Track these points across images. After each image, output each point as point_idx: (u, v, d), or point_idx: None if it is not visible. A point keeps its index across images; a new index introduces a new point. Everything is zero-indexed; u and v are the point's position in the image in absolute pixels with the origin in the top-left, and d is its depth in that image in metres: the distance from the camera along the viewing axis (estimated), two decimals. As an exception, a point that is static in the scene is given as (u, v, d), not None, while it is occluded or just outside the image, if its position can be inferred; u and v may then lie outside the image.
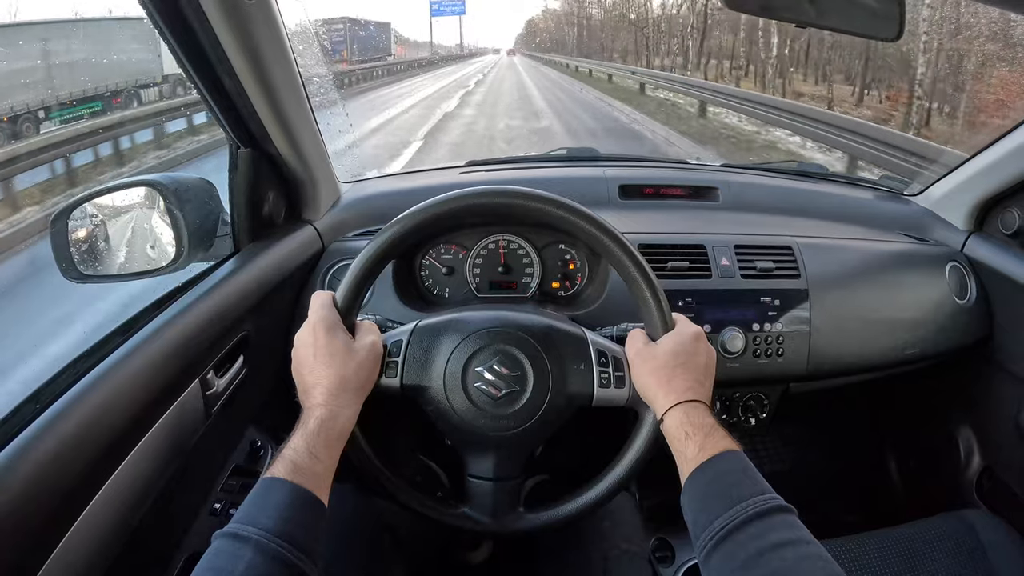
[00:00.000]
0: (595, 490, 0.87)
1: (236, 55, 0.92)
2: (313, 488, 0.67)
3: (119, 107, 8.90)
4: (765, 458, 1.78)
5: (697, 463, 0.70)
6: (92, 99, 8.39)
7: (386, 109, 15.50)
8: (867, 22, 1.00)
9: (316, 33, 1.59)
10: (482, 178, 1.50)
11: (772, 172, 1.66)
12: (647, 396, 0.81)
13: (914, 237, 1.40)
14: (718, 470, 0.69)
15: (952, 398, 1.48)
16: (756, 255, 1.22)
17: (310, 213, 1.27)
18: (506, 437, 0.85)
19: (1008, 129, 1.25)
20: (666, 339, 0.82)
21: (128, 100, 9.30)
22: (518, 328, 0.87)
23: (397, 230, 0.86)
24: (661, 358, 0.80)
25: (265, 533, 0.61)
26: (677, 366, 0.79)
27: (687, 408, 0.75)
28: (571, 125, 12.43)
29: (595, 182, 1.47)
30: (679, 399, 0.76)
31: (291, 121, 1.08)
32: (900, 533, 1.16)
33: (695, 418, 0.74)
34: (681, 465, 0.73)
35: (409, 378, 0.85)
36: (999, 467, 1.35)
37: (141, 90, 9.61)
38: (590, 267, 1.21)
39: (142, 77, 9.52)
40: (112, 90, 9.05)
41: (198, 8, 0.83)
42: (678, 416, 0.75)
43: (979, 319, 1.31)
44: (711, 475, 0.69)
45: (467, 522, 0.89)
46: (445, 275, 1.21)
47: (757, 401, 1.24)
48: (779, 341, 1.18)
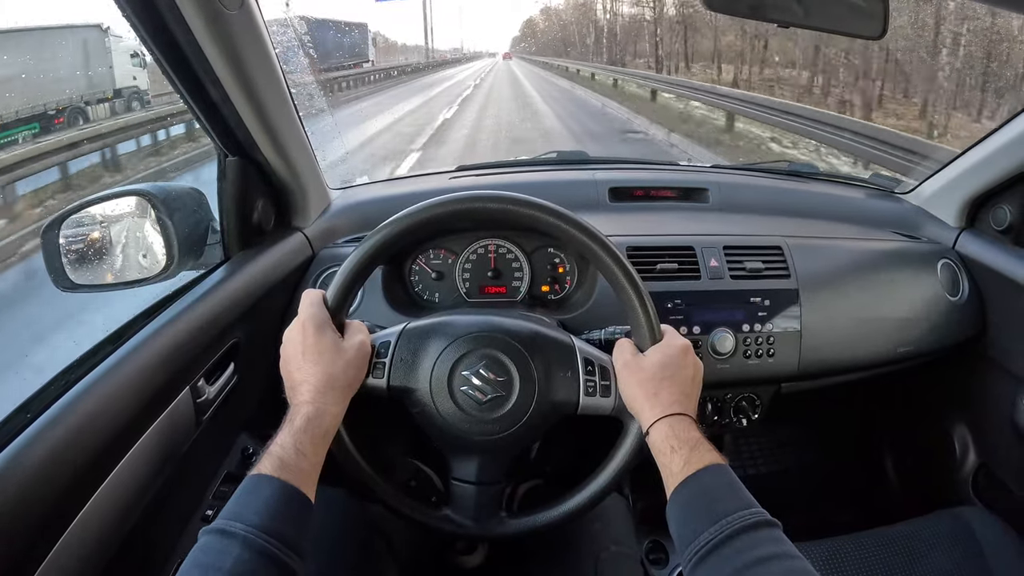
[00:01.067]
0: (578, 497, 0.88)
1: (220, 64, 0.92)
2: (300, 484, 0.68)
3: (62, 127, 7.64)
4: (759, 459, 1.78)
5: (682, 477, 0.70)
6: (28, 120, 7.21)
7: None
8: (852, 21, 1.01)
9: (301, 40, 1.60)
10: (472, 183, 1.51)
11: (762, 172, 1.66)
12: (633, 408, 0.81)
13: (905, 235, 1.40)
14: (703, 484, 0.69)
15: (946, 395, 1.47)
16: (746, 255, 1.22)
17: (300, 220, 1.27)
18: (490, 441, 0.85)
19: (998, 125, 1.26)
20: (654, 351, 0.83)
21: (73, 119, 8.11)
22: (506, 333, 0.87)
23: (389, 232, 0.86)
24: (648, 370, 0.81)
25: (252, 529, 0.61)
26: (664, 379, 0.79)
27: (673, 421, 0.75)
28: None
29: (585, 185, 1.47)
30: (665, 412, 0.77)
31: (278, 128, 1.08)
32: (896, 532, 1.16)
33: (681, 432, 0.74)
34: (666, 479, 0.73)
35: (396, 379, 0.85)
36: (994, 464, 1.35)
37: (89, 106, 8.50)
38: (579, 271, 1.21)
39: (89, 92, 8.48)
40: (53, 109, 7.79)
41: (180, 17, 0.83)
42: (664, 429, 0.75)
43: (972, 316, 1.31)
44: (696, 489, 0.69)
45: (449, 524, 0.89)
46: (435, 280, 1.22)
47: (749, 402, 1.24)
48: (770, 341, 1.18)
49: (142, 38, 0.86)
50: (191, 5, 0.83)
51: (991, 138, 1.27)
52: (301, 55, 1.64)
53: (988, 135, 1.28)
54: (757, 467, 1.76)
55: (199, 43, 0.87)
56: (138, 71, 9.31)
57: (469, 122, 13.60)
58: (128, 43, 9.14)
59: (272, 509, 0.63)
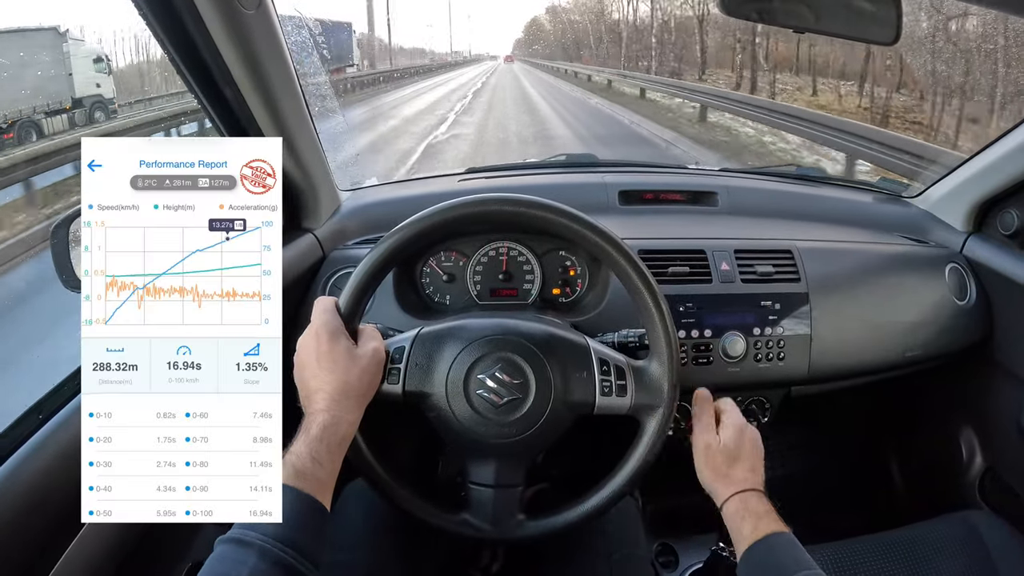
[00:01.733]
0: (596, 497, 0.88)
1: (236, 65, 0.92)
2: (316, 493, 0.68)
3: (11, 143, 6.93)
4: (767, 462, 1.77)
5: (751, 541, 0.80)
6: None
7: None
8: (865, 26, 1.01)
9: (315, 41, 1.59)
10: (482, 185, 1.50)
11: (771, 176, 1.67)
12: (709, 487, 0.90)
13: (913, 239, 1.40)
14: (770, 545, 0.79)
15: (953, 399, 1.48)
16: (756, 259, 1.23)
17: (310, 222, 1.27)
18: (508, 444, 0.85)
19: (1006, 130, 1.26)
20: (721, 436, 0.91)
21: (24, 134, 7.23)
22: (520, 336, 0.87)
23: (401, 236, 0.86)
24: (719, 456, 0.89)
25: (268, 538, 0.61)
26: (734, 461, 0.89)
27: (745, 496, 0.85)
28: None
29: (595, 188, 1.47)
30: (737, 489, 0.86)
31: (291, 130, 1.08)
32: (903, 535, 1.16)
33: (751, 505, 0.84)
34: (737, 544, 0.82)
35: (411, 385, 0.85)
36: (1001, 468, 1.35)
37: (45, 119, 7.60)
38: (590, 273, 1.21)
39: (43, 103, 7.71)
40: (3, 123, 7.00)
41: (198, 18, 0.83)
42: (736, 503, 0.85)
43: (979, 320, 1.31)
44: (764, 550, 0.79)
45: (468, 529, 0.88)
46: (445, 282, 1.21)
47: (759, 405, 1.24)
48: (780, 345, 1.18)
49: (159, 38, 0.86)
50: (209, 4, 0.83)
51: (999, 143, 1.27)
52: (315, 56, 1.63)
53: (996, 140, 1.28)
54: (765, 470, 1.75)
55: (216, 43, 0.87)
56: (102, 78, 8.73)
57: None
58: (90, 47, 8.74)
59: (288, 518, 0.63)
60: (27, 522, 0.65)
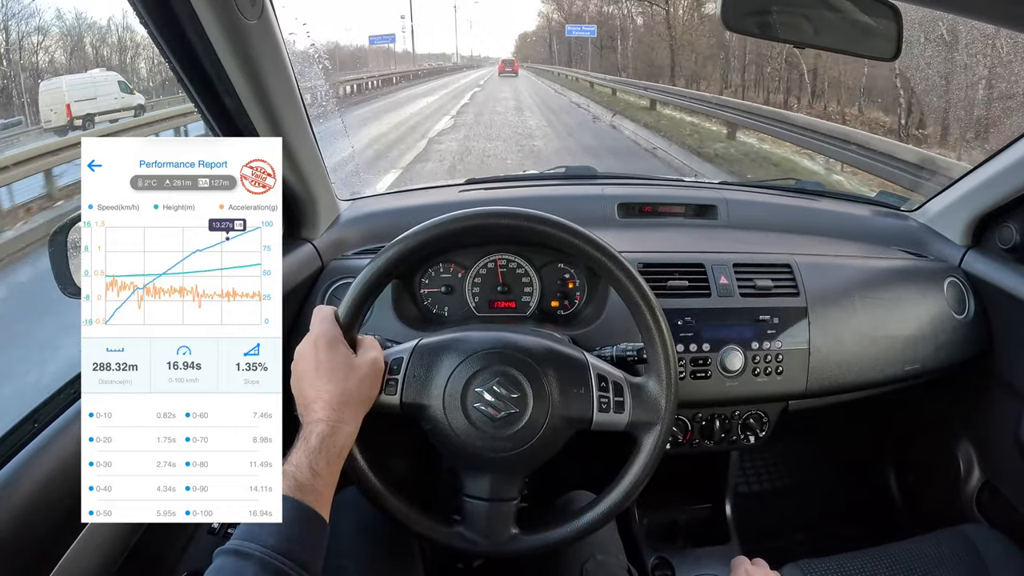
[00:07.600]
0: (592, 513, 0.87)
1: (236, 74, 0.92)
2: (314, 504, 0.67)
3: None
4: (765, 476, 1.77)
5: None
6: None
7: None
8: (865, 41, 1.02)
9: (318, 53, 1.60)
10: (482, 196, 1.51)
11: (770, 190, 1.67)
12: None
13: (912, 253, 1.41)
14: None
15: (951, 413, 1.48)
16: (755, 273, 1.23)
17: (309, 231, 1.27)
18: (504, 458, 0.85)
19: (1005, 145, 1.27)
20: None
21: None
22: (519, 350, 0.86)
23: (401, 248, 0.86)
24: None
25: (268, 550, 0.61)
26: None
27: None
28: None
29: (594, 200, 1.48)
30: None
31: (291, 139, 1.08)
32: (900, 549, 1.15)
33: None
34: None
35: (409, 396, 0.85)
36: (999, 481, 1.35)
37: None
38: (589, 286, 1.21)
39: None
40: None
41: (198, 26, 0.84)
42: None
43: (977, 334, 1.31)
44: None
45: (461, 542, 0.88)
46: (444, 294, 1.21)
47: (756, 419, 1.24)
48: (778, 359, 1.18)
49: (159, 46, 0.86)
50: (211, 14, 0.83)
51: (998, 157, 1.28)
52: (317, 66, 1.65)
53: (995, 154, 1.29)
54: (763, 484, 1.76)
55: (217, 52, 0.88)
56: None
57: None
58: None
59: (287, 530, 0.63)
60: (28, 522, 0.65)
